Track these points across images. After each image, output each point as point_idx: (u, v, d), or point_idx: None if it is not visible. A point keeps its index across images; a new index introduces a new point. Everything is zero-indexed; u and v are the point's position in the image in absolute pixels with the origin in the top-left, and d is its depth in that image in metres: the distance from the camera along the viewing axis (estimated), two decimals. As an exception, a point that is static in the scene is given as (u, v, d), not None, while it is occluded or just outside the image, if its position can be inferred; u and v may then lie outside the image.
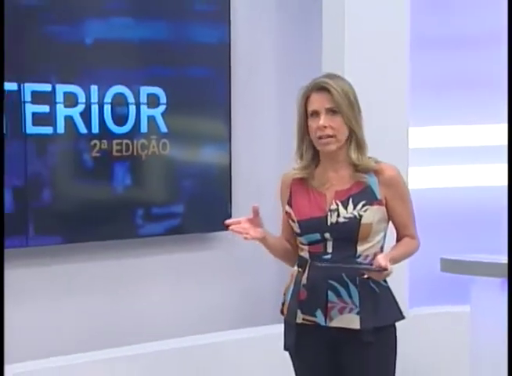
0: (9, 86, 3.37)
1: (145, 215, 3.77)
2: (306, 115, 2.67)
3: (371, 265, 2.58)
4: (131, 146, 3.72)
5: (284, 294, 2.76)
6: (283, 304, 2.76)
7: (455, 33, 4.03)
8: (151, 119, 3.77)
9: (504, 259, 2.96)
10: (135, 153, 3.73)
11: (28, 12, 3.42)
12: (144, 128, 3.75)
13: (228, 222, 2.69)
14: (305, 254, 2.68)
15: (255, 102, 4.02)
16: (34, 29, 3.45)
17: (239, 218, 2.69)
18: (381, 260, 2.53)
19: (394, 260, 2.64)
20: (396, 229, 2.74)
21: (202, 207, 3.90)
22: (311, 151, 2.71)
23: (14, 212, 3.44)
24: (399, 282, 3.61)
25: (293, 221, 2.72)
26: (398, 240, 2.74)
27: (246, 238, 2.66)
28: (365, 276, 2.56)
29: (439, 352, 3.92)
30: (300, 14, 4.12)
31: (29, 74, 3.46)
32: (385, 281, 2.68)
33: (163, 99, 3.79)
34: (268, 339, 3.55)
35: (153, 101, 3.77)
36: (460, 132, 4.13)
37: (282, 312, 2.76)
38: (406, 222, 2.73)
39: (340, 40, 3.78)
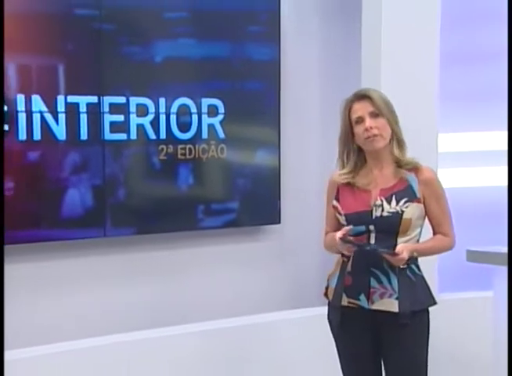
0: (91, 99, 3.52)
1: (205, 210, 3.88)
2: (350, 124, 2.72)
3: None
4: (193, 151, 3.83)
5: (328, 280, 2.82)
6: (327, 288, 2.82)
7: (480, 49, 3.96)
8: (211, 127, 3.88)
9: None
10: (196, 157, 3.84)
11: (106, 35, 3.57)
12: (205, 134, 3.86)
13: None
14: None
15: (301, 111, 4.07)
16: (111, 50, 3.59)
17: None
18: (399, 247, 2.62)
19: (418, 252, 2.72)
20: (431, 225, 2.78)
21: (254, 203, 3.97)
22: (355, 156, 2.76)
23: (94, 207, 3.58)
24: (430, 270, 3.49)
25: (340, 214, 2.76)
26: (434, 235, 2.79)
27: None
28: (383, 255, 2.62)
29: (465, 333, 3.90)
30: (341, 34, 4.17)
31: (107, 89, 3.59)
32: (420, 270, 2.75)
33: (221, 109, 3.89)
34: (312, 319, 3.63)
35: (212, 111, 3.87)
36: (484, 138, 4.09)
37: (325, 295, 2.83)
38: (440, 220, 2.76)
39: (377, 56, 3.83)
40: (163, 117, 3.74)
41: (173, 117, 3.76)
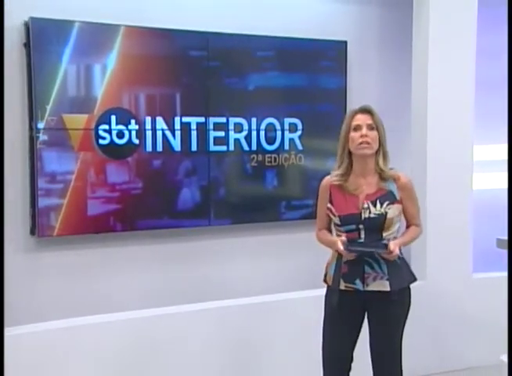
0: (199, 119, 3.95)
1: (286, 206, 4.27)
2: (349, 129, 2.87)
3: (386, 245, 2.80)
4: (277, 159, 4.23)
5: (326, 268, 2.99)
6: (326, 275, 2.99)
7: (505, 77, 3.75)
8: (291, 140, 4.26)
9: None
10: (280, 164, 4.24)
11: (212, 70, 4.04)
12: (286, 146, 4.26)
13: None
14: (344, 238, 2.87)
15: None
16: (215, 81, 4.04)
17: None
18: (391, 246, 2.81)
19: (403, 244, 2.94)
20: (406, 219, 2.99)
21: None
22: (347, 162, 2.90)
23: (201, 203, 4.02)
24: (464, 255, 4.15)
25: (334, 215, 2.92)
26: (407, 226, 3.00)
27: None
28: (380, 255, 2.84)
29: (496, 305, 4.05)
30: (394, 66, 4.55)
31: (212, 111, 4.02)
32: (401, 254, 2.93)
33: (299, 126, 4.28)
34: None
35: (292, 128, 4.26)
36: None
37: (325, 281, 3.00)
38: (413, 214, 2.97)
39: (424, 83, 4.11)
40: (254, 133, 4.17)
41: (262, 133, 4.20)
